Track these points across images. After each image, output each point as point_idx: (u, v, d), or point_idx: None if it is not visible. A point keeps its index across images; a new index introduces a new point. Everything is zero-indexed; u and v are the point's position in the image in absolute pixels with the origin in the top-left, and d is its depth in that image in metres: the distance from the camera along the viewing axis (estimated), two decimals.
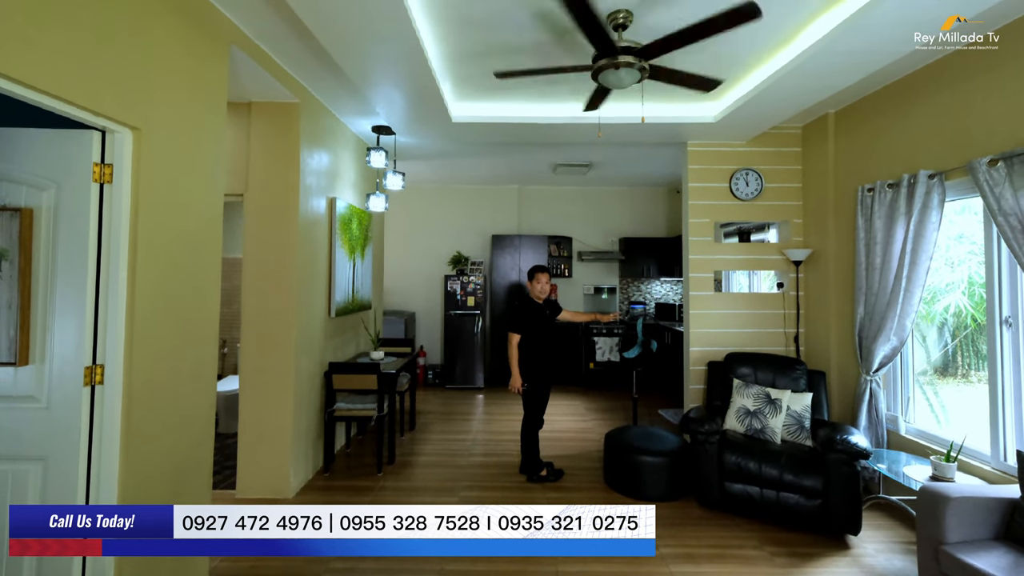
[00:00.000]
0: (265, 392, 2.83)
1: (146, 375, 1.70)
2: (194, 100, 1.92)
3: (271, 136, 2.88)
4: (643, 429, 3.19)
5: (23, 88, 1.31)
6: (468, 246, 6.11)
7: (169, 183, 1.79)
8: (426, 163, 5.06)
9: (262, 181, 2.87)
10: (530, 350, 2.97)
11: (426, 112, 3.21)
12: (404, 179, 3.94)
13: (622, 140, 3.76)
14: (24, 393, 1.61)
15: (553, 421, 4.34)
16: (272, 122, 2.88)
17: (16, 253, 1.57)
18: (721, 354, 3.49)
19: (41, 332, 1.60)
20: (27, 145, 1.64)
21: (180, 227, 1.85)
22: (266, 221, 2.86)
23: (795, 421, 2.73)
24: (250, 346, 2.85)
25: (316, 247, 3.19)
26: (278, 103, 2.87)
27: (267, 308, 2.85)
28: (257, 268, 2.86)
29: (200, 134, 1.96)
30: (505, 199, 6.15)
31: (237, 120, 2.88)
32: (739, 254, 3.69)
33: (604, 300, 6.09)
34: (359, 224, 3.88)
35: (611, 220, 6.22)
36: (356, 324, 3.97)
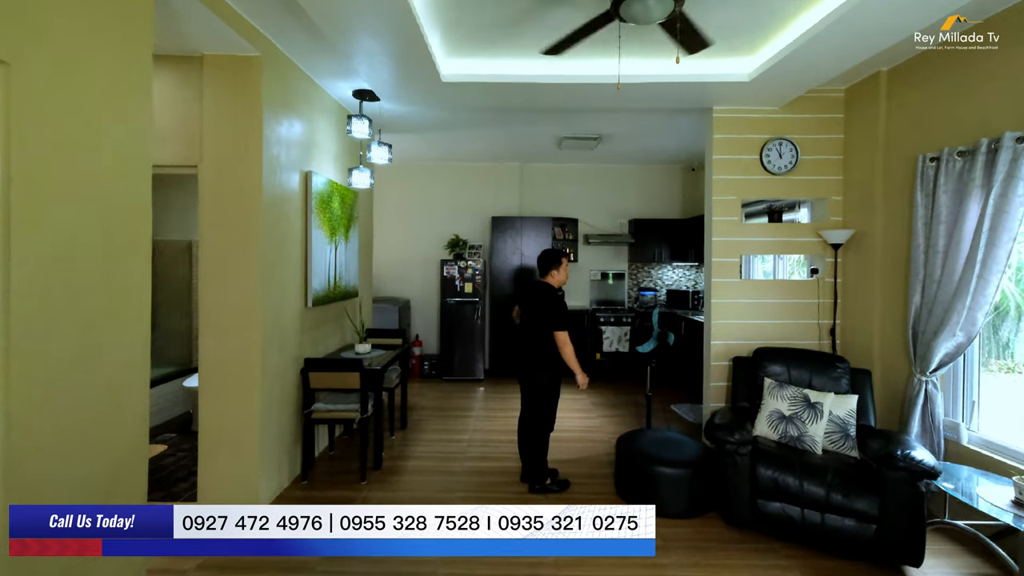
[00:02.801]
0: (227, 392, 2.48)
1: (35, 392, 1.29)
2: (100, 37, 1.49)
3: (228, 96, 2.44)
4: (659, 434, 2.85)
5: None
6: (467, 228, 5.69)
7: (61, 143, 1.38)
8: (419, 137, 4.61)
9: (219, 150, 2.45)
10: (555, 345, 2.67)
11: (412, 70, 2.76)
12: (391, 151, 3.50)
13: (639, 104, 3.30)
14: None
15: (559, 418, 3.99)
16: (229, 80, 2.44)
17: None
18: (746, 348, 3.12)
19: None
20: None
21: (84, 202, 1.45)
22: (225, 197, 2.46)
23: (838, 428, 2.36)
24: (209, 341, 2.48)
25: (288, 228, 2.79)
26: (235, 57, 2.42)
27: (227, 298, 2.47)
28: (215, 252, 2.47)
29: (112, 82, 1.54)
30: (506, 178, 5.70)
31: (186, 77, 2.45)
32: (769, 236, 3.27)
33: (612, 286, 5.70)
34: (342, 202, 3.47)
35: (620, 201, 5.77)
36: (339, 314, 3.61)
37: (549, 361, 2.68)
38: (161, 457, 3.25)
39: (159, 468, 3.07)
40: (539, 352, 2.69)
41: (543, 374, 2.69)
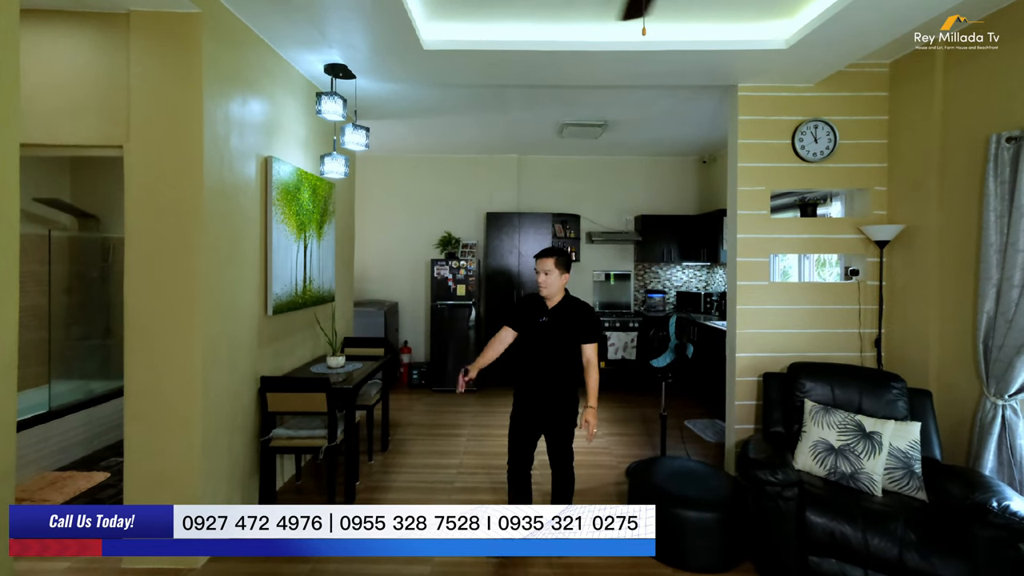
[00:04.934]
0: (157, 419, 2.05)
1: None
2: None
3: (159, 63, 2.01)
4: (678, 464, 2.43)
5: None
6: (459, 226, 5.27)
7: None
8: (406, 125, 4.17)
9: (150, 128, 2.02)
10: (521, 356, 2.19)
11: (389, 35, 2.33)
12: (368, 136, 3.06)
13: (653, 79, 2.87)
14: None
15: None
16: (160, 42, 2.01)
17: None
18: (777, 362, 2.71)
19: None
20: None
21: None
22: (157, 184, 2.03)
23: (901, 464, 1.95)
24: (136, 358, 2.05)
25: (242, 223, 2.37)
26: (167, 14, 2.00)
27: (160, 305, 2.04)
28: (144, 251, 2.04)
29: None
30: (502, 171, 5.28)
31: (106, 37, 2.02)
32: (801, 232, 2.85)
33: (616, 288, 5.28)
34: (313, 194, 3.03)
35: (626, 195, 5.35)
36: (310, 323, 3.17)
37: (573, 392, 2.16)
38: (100, 488, 2.79)
39: (93, 503, 2.58)
40: (572, 389, 2.13)
41: (573, 415, 2.15)
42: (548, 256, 2.08)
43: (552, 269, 2.06)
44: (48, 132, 2.01)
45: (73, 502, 2.59)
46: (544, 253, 2.09)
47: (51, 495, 2.65)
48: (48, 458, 3.03)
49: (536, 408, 2.11)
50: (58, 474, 2.93)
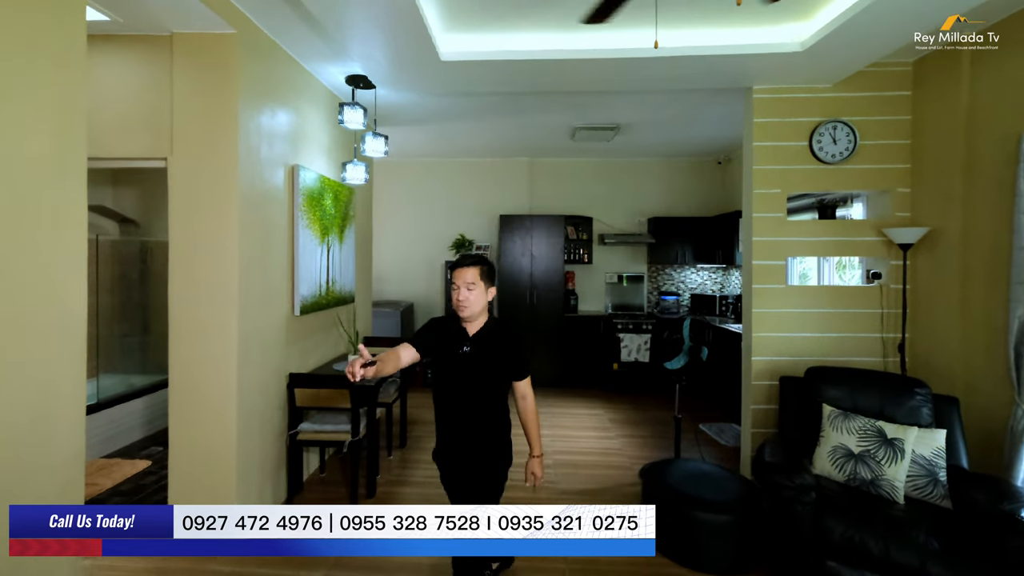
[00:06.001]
0: (198, 411, 2.20)
1: None
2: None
3: (199, 80, 2.15)
4: (692, 466, 2.43)
5: None
6: (473, 228, 5.33)
7: None
8: (421, 131, 4.26)
9: (191, 141, 2.16)
10: (437, 394, 1.66)
11: (408, 48, 2.41)
12: (387, 143, 3.16)
13: (667, 83, 2.87)
14: None
15: (572, 437, 3.61)
16: (200, 62, 2.15)
17: None
18: (794, 366, 2.68)
19: None
20: None
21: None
22: (196, 194, 2.17)
23: (924, 472, 1.92)
24: (180, 354, 2.20)
25: (272, 228, 2.49)
26: (206, 35, 2.13)
27: (201, 305, 2.19)
28: (186, 256, 2.19)
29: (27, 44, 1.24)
30: (515, 174, 5.33)
31: (154, 58, 2.17)
32: (820, 235, 2.82)
33: (629, 289, 5.26)
34: (335, 200, 3.14)
35: (639, 197, 5.33)
36: (333, 322, 3.27)
37: (507, 437, 1.69)
38: (144, 475, 2.97)
39: (138, 488, 2.81)
40: (498, 424, 1.65)
41: (504, 460, 1.67)
42: (470, 265, 1.53)
43: (476, 282, 1.53)
44: (101, 147, 2.15)
45: (120, 486, 2.81)
46: (464, 261, 1.54)
47: (101, 480, 2.84)
48: (96, 446, 3.23)
49: (459, 465, 1.61)
50: (105, 461, 3.13)
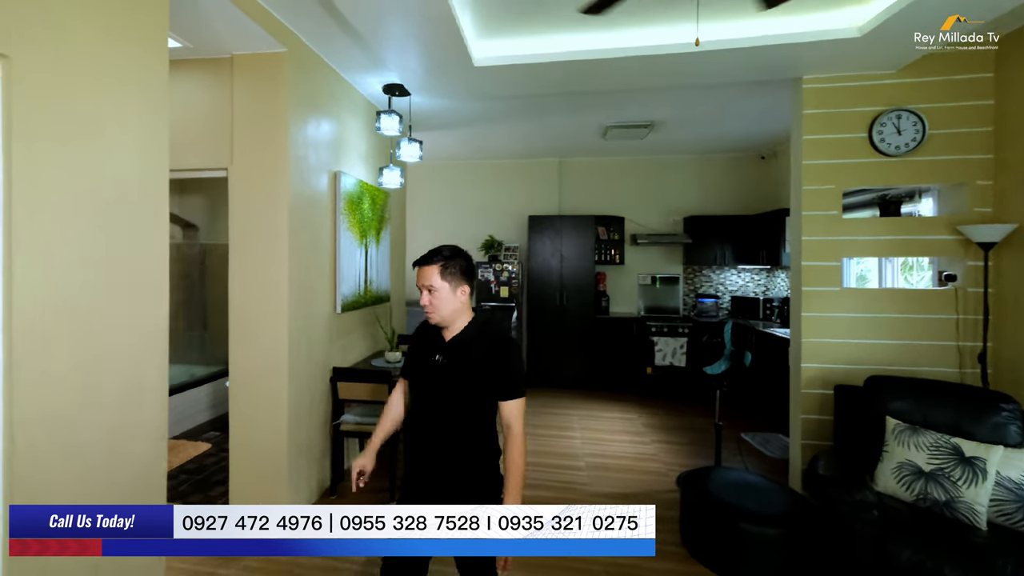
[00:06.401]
0: (255, 401, 2.33)
1: (41, 408, 1.20)
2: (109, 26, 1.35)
3: (255, 96, 2.28)
4: (735, 475, 2.30)
5: None
6: (501, 229, 5.32)
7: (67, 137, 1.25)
8: (451, 135, 4.30)
9: (248, 152, 2.29)
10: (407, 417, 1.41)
11: (442, 56, 2.44)
12: (422, 148, 3.21)
13: (708, 78, 2.75)
14: None
15: (604, 441, 3.52)
16: (256, 79, 2.28)
17: None
18: (851, 375, 2.49)
19: None
20: None
21: (88, 200, 1.31)
22: (252, 200, 2.30)
23: (1013, 496, 1.72)
24: (238, 348, 2.34)
25: (317, 231, 2.59)
26: (261, 55, 2.26)
27: (255, 304, 2.32)
28: (243, 257, 2.32)
29: (120, 73, 1.39)
30: (544, 175, 5.28)
31: (217, 78, 2.31)
32: (882, 234, 2.61)
33: (663, 291, 5.09)
34: (372, 204, 3.22)
35: (673, 196, 5.16)
36: (371, 320, 3.37)
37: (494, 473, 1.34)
38: (205, 456, 3.20)
39: (201, 468, 3.03)
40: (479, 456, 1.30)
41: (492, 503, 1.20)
42: (428, 263, 1.26)
43: (438, 283, 1.24)
44: (174, 160, 2.32)
45: (186, 465, 3.04)
46: (422, 259, 1.27)
47: (170, 458, 3.07)
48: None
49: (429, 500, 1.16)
50: (173, 441, 3.39)
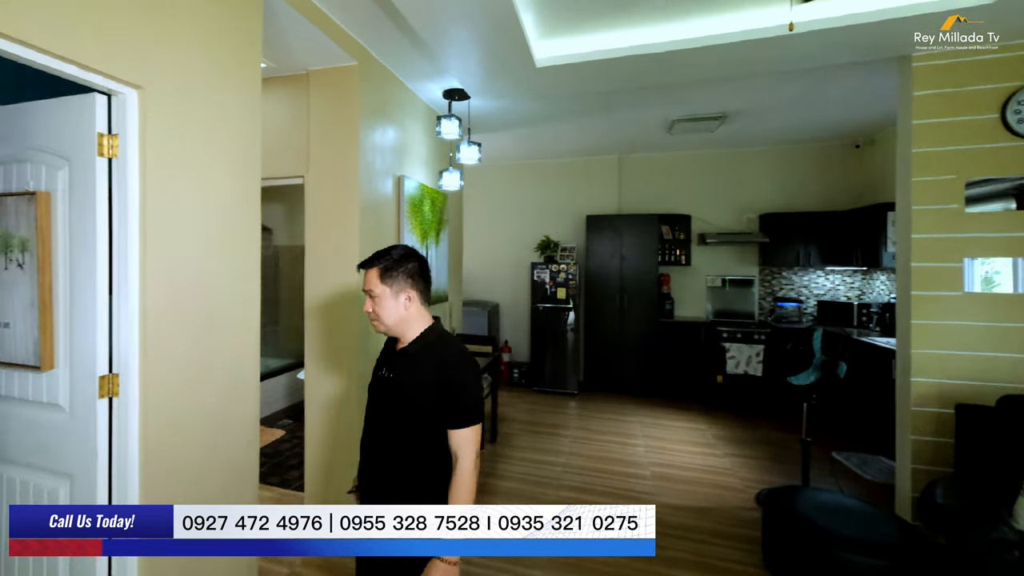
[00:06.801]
0: (327, 394, 2.50)
1: (166, 385, 1.40)
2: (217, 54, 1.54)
3: (329, 108, 2.47)
4: (829, 497, 2.08)
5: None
6: (558, 229, 5.28)
7: (184, 156, 1.44)
8: (507, 135, 4.33)
9: (322, 160, 2.48)
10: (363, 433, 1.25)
11: (503, 58, 2.47)
12: (481, 151, 3.29)
13: (796, 63, 2.53)
14: (50, 400, 1.39)
15: (669, 450, 3.36)
16: (330, 92, 2.46)
17: (35, 243, 1.34)
18: (976, 392, 2.16)
19: (65, 334, 1.35)
20: (38, 120, 1.36)
21: (202, 209, 1.50)
22: (326, 205, 2.48)
23: None
24: (313, 344, 2.52)
25: (382, 233, 2.74)
26: (335, 69, 2.44)
27: (328, 303, 2.49)
28: (318, 259, 2.51)
29: (225, 96, 1.57)
30: (602, 173, 5.16)
31: (295, 93, 2.53)
32: (1021, 230, 2.23)
33: (735, 294, 4.76)
34: (432, 206, 3.35)
35: (747, 192, 4.80)
36: None
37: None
38: (280, 442, 3.48)
39: (276, 453, 3.28)
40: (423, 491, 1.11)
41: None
42: (370, 265, 1.14)
43: (378, 288, 1.12)
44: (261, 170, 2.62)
45: (264, 450, 3.28)
46: (366, 261, 1.16)
47: None
48: None
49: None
50: None
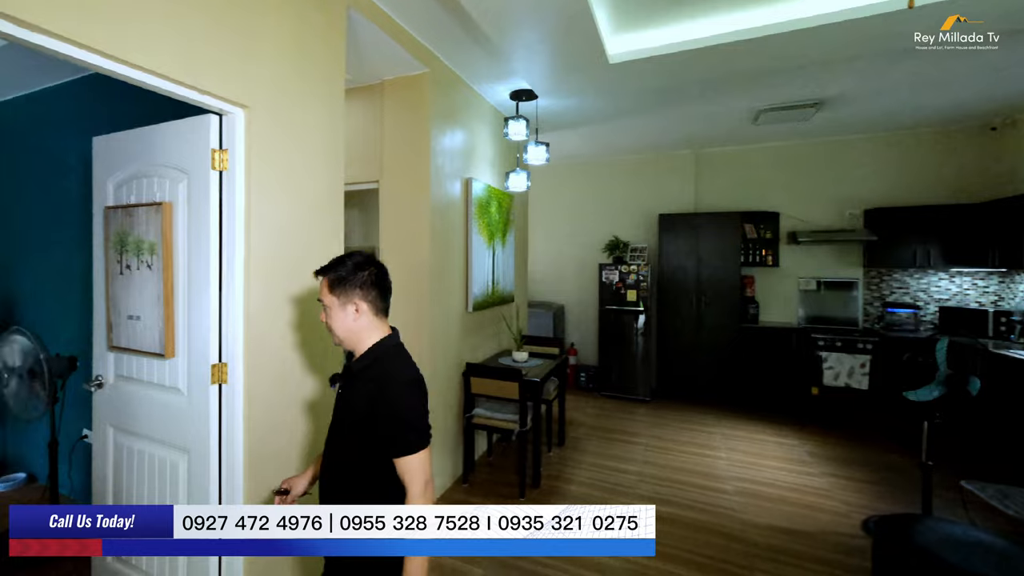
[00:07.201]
0: None
1: (265, 373, 1.56)
2: (308, 72, 1.70)
3: (401, 115, 2.63)
4: (957, 531, 1.77)
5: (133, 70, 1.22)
6: (628, 229, 5.14)
7: (280, 167, 1.61)
8: (574, 133, 4.26)
9: (395, 166, 2.66)
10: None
11: (574, 55, 2.48)
12: (548, 151, 3.27)
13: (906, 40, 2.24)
14: (171, 385, 1.59)
15: (755, 465, 3.11)
16: (402, 100, 2.63)
17: (160, 247, 1.55)
18: None
19: (184, 326, 1.55)
20: (162, 139, 1.59)
21: (294, 215, 1.67)
22: (399, 208, 2.65)
23: None
24: None
25: (451, 234, 2.86)
26: (407, 77, 2.60)
27: (401, 301, 2.63)
28: (391, 260, 2.67)
29: (314, 110, 1.74)
30: (676, 169, 4.93)
31: (370, 103, 2.73)
32: None
33: (833, 298, 4.26)
34: (499, 207, 3.44)
35: (848, 185, 4.30)
36: (497, 319, 3.57)
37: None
38: None
39: None
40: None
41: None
42: (321, 274, 1.12)
43: (327, 299, 1.10)
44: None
45: None
46: (319, 269, 1.13)
47: None
48: None
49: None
50: None
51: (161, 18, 1.23)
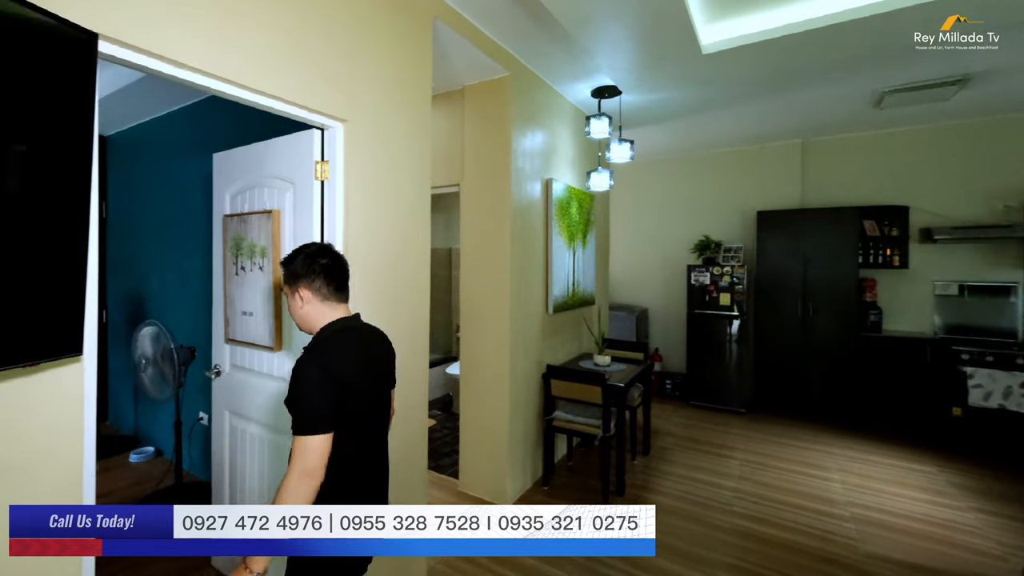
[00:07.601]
0: (481, 390, 2.69)
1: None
2: (398, 83, 1.78)
3: (482, 119, 2.67)
4: None
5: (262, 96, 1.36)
6: (719, 227, 4.81)
7: (374, 175, 1.69)
8: (659, 128, 4.01)
9: (475, 169, 2.72)
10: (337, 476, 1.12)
11: (664, 49, 2.38)
12: (632, 148, 3.13)
13: None
14: (279, 375, 1.71)
15: (881, 492, 2.79)
16: (483, 104, 2.65)
17: (270, 250, 1.68)
18: None
19: (288, 322, 1.64)
20: (272, 153, 1.71)
21: (387, 220, 1.76)
22: (480, 210, 2.70)
23: None
24: (468, 342, 2.73)
25: (531, 235, 2.86)
26: (488, 81, 2.63)
27: (482, 303, 2.71)
28: (472, 261, 2.75)
29: (403, 120, 1.80)
30: (778, 162, 4.50)
31: (451, 108, 2.80)
32: None
33: (980, 305, 3.60)
34: (579, 207, 3.40)
35: (1001, 173, 3.60)
36: (577, 322, 3.55)
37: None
38: (432, 430, 3.68)
39: (431, 440, 3.58)
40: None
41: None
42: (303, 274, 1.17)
43: (285, 290, 1.21)
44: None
45: None
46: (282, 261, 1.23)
47: None
48: None
49: None
50: None
51: (287, 51, 1.37)
